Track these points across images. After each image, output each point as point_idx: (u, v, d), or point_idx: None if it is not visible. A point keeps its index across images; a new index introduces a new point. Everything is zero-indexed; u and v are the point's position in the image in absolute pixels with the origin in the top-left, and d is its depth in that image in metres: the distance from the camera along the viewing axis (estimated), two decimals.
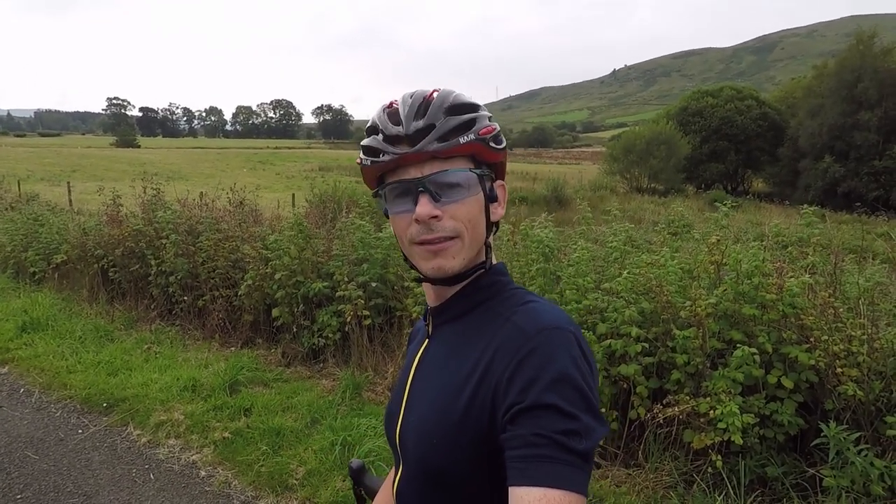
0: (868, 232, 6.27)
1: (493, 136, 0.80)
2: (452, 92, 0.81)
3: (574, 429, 0.64)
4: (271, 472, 3.08)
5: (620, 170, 33.62)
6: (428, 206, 0.76)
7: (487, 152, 0.81)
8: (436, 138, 0.76)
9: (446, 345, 0.85)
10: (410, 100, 0.80)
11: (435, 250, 0.78)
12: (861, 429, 2.52)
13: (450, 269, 0.79)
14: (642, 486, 2.73)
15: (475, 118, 0.79)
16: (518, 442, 0.65)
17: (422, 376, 0.87)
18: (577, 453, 0.63)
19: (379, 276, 4.38)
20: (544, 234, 3.65)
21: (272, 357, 4.65)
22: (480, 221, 0.81)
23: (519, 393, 0.67)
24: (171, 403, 3.83)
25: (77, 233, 6.73)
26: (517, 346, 0.71)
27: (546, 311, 0.76)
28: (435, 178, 0.77)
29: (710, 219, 4.61)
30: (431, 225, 0.77)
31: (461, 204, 0.78)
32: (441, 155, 0.77)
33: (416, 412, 0.83)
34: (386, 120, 0.80)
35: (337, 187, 9.70)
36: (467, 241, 0.79)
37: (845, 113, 29.90)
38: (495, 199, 0.84)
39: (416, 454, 0.81)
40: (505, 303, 0.81)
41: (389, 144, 0.79)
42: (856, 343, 2.62)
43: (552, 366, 0.68)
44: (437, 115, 0.77)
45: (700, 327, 2.81)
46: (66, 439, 3.50)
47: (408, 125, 0.77)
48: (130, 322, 5.56)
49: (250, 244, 5.09)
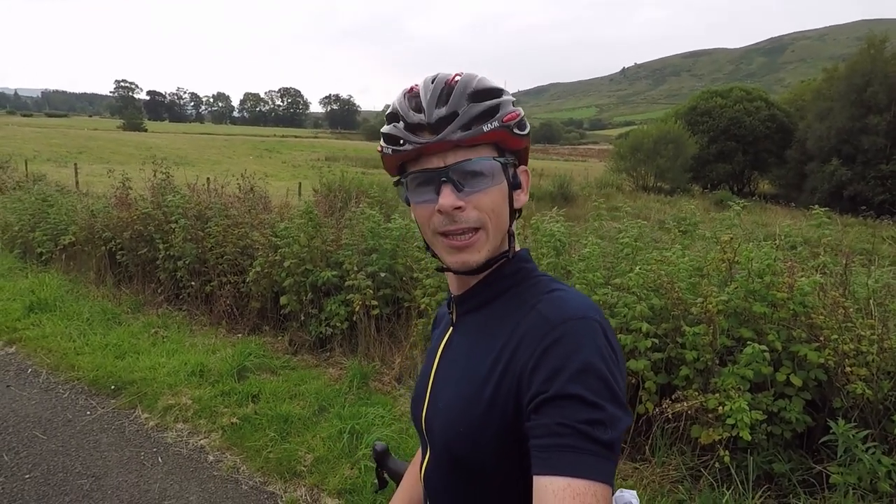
0: (875, 235, 6.26)
1: (517, 122, 0.79)
2: (476, 76, 0.79)
3: (598, 418, 0.64)
4: (279, 459, 3.10)
5: (627, 168, 33.51)
6: (451, 197, 0.75)
7: (512, 139, 0.79)
8: (459, 127, 0.75)
9: (471, 333, 0.84)
10: (432, 85, 0.77)
11: (460, 245, 0.77)
12: (869, 427, 2.53)
13: (474, 263, 0.79)
14: (649, 480, 2.75)
15: (499, 104, 0.77)
16: (542, 431, 0.65)
17: (447, 364, 0.86)
18: (601, 443, 0.63)
19: (388, 267, 4.39)
20: (556, 228, 3.65)
21: (279, 344, 4.67)
22: (504, 210, 0.80)
23: (543, 382, 0.67)
24: (178, 388, 3.86)
25: (85, 214, 6.74)
26: (542, 335, 0.71)
27: (572, 300, 0.76)
28: (458, 168, 0.76)
29: (717, 218, 4.61)
30: (455, 216, 0.76)
31: (485, 193, 0.76)
32: (464, 143, 0.75)
33: (442, 399, 0.83)
34: (407, 107, 0.78)
35: (345, 177, 9.69)
36: (491, 231, 0.78)
37: (854, 117, 29.71)
38: (519, 185, 0.83)
39: (443, 441, 0.81)
40: (530, 290, 0.81)
41: (411, 133, 0.77)
42: (865, 343, 2.62)
43: (577, 355, 0.68)
44: (460, 101, 0.75)
45: (710, 324, 2.82)
46: (74, 420, 3.53)
47: (430, 113, 0.75)
48: (137, 305, 5.59)
49: (259, 231, 5.10)
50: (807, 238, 4.30)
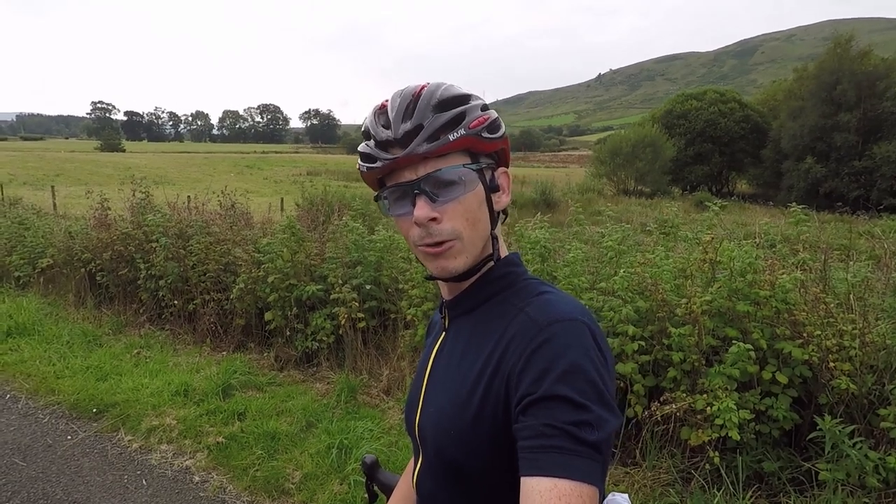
0: (851, 230, 6.39)
1: (486, 126, 0.78)
2: (441, 85, 0.79)
3: (585, 419, 0.64)
4: (267, 477, 3.04)
5: (607, 172, 33.87)
6: (425, 209, 0.75)
7: (482, 143, 0.78)
8: (424, 139, 0.75)
9: (462, 337, 0.84)
10: (399, 99, 0.78)
11: (435, 252, 0.78)
12: (854, 422, 2.56)
13: (454, 269, 0.79)
14: (641, 485, 2.74)
15: (465, 111, 0.77)
16: (529, 432, 0.65)
17: (439, 368, 0.87)
18: (587, 444, 0.63)
19: (373, 279, 4.36)
20: (540, 234, 3.66)
21: (265, 361, 4.60)
22: (481, 216, 0.79)
23: (531, 384, 0.67)
24: (162, 408, 3.78)
25: (63, 236, 6.62)
26: (530, 338, 0.71)
27: (560, 302, 0.76)
28: (429, 178, 0.76)
29: (697, 219, 4.66)
30: (430, 228, 0.76)
31: (458, 203, 0.76)
32: (433, 154, 0.75)
33: (433, 404, 0.83)
34: (376, 123, 0.79)
35: (327, 191, 9.65)
36: (467, 240, 0.78)
37: (825, 114, 30.46)
38: (497, 188, 0.82)
39: (434, 445, 0.81)
40: (519, 293, 0.81)
41: (381, 150, 0.78)
42: (847, 337, 2.66)
43: (564, 357, 0.68)
44: (424, 114, 0.76)
45: (695, 325, 2.84)
46: (55, 445, 3.44)
47: (396, 128, 0.76)
48: (119, 327, 5.48)
49: (242, 247, 5.04)
50: (786, 236, 4.37)
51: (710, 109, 37.60)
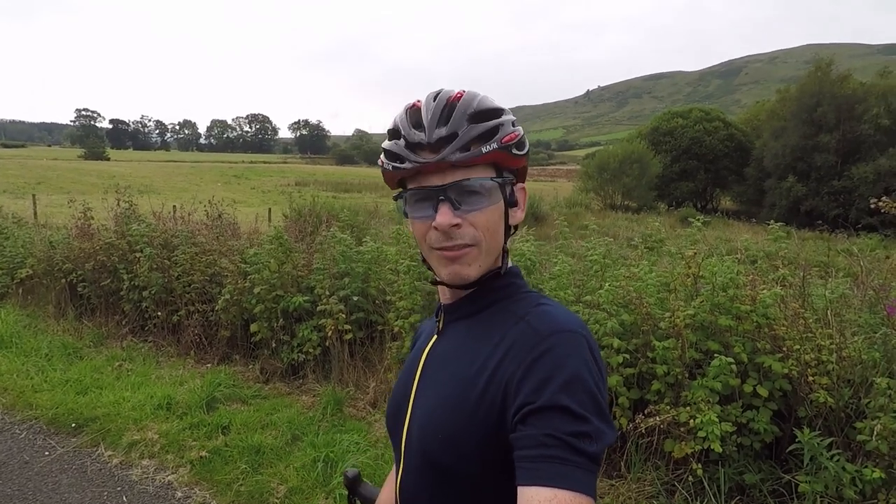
0: (830, 248, 6.52)
1: (516, 142, 0.80)
2: (477, 96, 0.80)
3: (585, 431, 0.65)
4: (251, 492, 3.00)
5: (595, 187, 34.28)
6: (448, 216, 0.76)
7: (510, 159, 0.80)
8: (458, 148, 0.76)
9: (457, 341, 0.85)
10: (434, 103, 0.79)
11: (452, 257, 0.78)
12: (832, 434, 2.60)
13: (467, 277, 0.80)
14: (625, 497, 2.76)
15: (499, 125, 0.78)
16: (528, 442, 0.66)
17: (431, 372, 0.87)
18: (586, 455, 0.64)
19: (360, 290, 4.36)
20: (526, 247, 3.69)
21: (250, 373, 4.56)
22: (500, 228, 0.81)
23: (531, 393, 0.68)
24: (144, 422, 3.71)
25: (43, 246, 6.51)
26: (531, 346, 0.72)
27: (560, 314, 0.77)
28: (456, 187, 0.77)
29: (682, 235, 4.74)
30: (451, 233, 0.77)
31: (481, 213, 0.78)
32: (462, 164, 0.77)
33: (424, 406, 0.83)
34: (408, 124, 0.79)
35: (315, 202, 9.63)
36: (485, 248, 0.79)
37: (806, 135, 31.18)
38: (515, 203, 0.84)
39: (422, 448, 0.80)
40: (519, 303, 0.82)
41: (411, 151, 0.78)
42: (825, 352, 2.71)
43: (565, 368, 0.68)
44: (460, 122, 0.76)
45: (679, 338, 2.88)
46: (32, 462, 3.36)
47: (430, 133, 0.76)
48: (100, 339, 5.39)
49: (228, 258, 5.01)
50: (767, 252, 4.46)
51: (695, 127, 38.32)
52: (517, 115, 0.82)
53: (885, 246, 14.13)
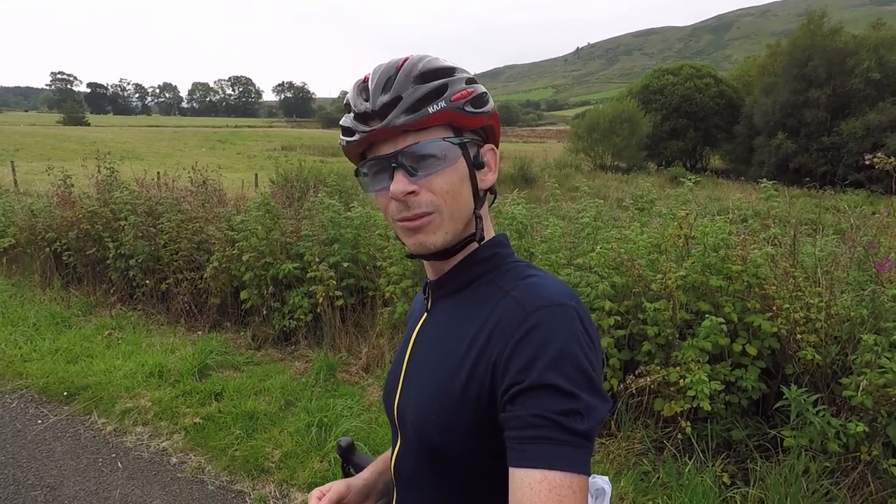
0: (819, 205, 6.55)
1: (469, 100, 0.75)
2: (424, 58, 0.76)
3: (575, 408, 0.63)
4: (246, 457, 3.03)
5: (585, 148, 34.02)
6: (402, 183, 0.73)
7: (465, 118, 0.75)
8: (402, 111, 0.72)
9: (444, 319, 0.83)
10: (380, 72, 0.75)
11: (413, 227, 0.75)
12: (818, 391, 2.66)
13: (431, 245, 0.76)
14: (615, 455, 2.82)
15: (447, 83, 0.74)
16: (517, 423, 0.64)
17: (420, 351, 0.85)
18: (577, 433, 0.62)
19: (350, 256, 4.32)
20: (517, 211, 3.65)
21: (242, 340, 4.55)
22: (462, 192, 0.76)
23: (518, 372, 0.66)
24: (136, 390, 3.72)
25: (25, 215, 6.38)
26: (517, 323, 0.69)
27: (547, 286, 0.74)
28: (407, 152, 0.73)
29: (672, 195, 4.72)
30: (408, 201, 0.74)
31: (438, 176, 0.74)
32: (412, 127, 0.73)
33: (414, 387, 0.82)
34: (356, 96, 0.76)
35: (302, 167, 9.45)
36: (447, 214, 0.75)
37: (796, 91, 30.95)
38: (482, 165, 0.80)
39: (415, 428, 0.79)
40: (505, 276, 0.79)
41: (361, 122, 0.75)
42: (814, 310, 2.74)
43: (553, 344, 0.66)
44: (404, 85, 0.73)
45: (670, 299, 2.89)
46: (24, 430, 3.36)
47: (374, 100, 0.73)
48: (89, 308, 5.35)
49: (215, 225, 4.93)
50: (757, 211, 4.45)
51: (686, 84, 37.90)
52: (506, 75, 0.77)
53: (871, 202, 14.25)
